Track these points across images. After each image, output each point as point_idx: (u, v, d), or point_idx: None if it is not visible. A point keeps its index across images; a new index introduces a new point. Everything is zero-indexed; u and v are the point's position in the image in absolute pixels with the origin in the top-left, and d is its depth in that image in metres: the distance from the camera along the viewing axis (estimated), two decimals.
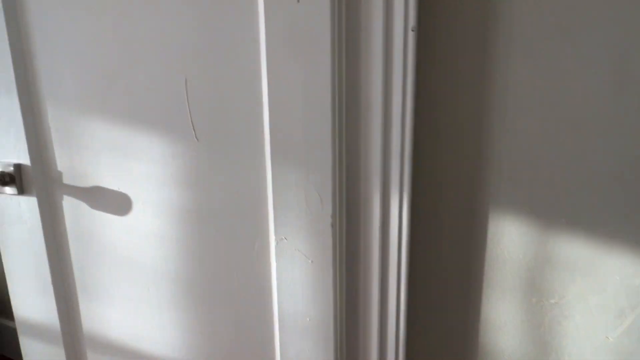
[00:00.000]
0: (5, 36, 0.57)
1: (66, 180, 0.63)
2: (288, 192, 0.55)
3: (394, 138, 0.54)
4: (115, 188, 0.61)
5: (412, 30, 0.50)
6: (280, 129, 0.53)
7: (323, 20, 0.49)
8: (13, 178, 0.62)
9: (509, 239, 0.59)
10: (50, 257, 0.66)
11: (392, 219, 0.56)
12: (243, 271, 0.61)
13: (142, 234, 0.62)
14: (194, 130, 0.56)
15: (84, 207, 0.63)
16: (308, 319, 0.59)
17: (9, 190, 0.62)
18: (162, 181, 0.59)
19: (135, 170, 0.60)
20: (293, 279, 0.58)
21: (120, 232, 0.63)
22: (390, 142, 0.54)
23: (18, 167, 0.62)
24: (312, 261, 0.57)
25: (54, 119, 0.61)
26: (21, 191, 0.63)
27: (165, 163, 0.58)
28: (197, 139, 0.57)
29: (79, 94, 0.59)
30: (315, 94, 0.51)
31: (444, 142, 0.59)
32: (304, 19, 0.49)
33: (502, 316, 0.62)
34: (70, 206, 0.64)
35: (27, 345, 0.72)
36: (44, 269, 0.66)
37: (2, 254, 0.68)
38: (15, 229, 0.66)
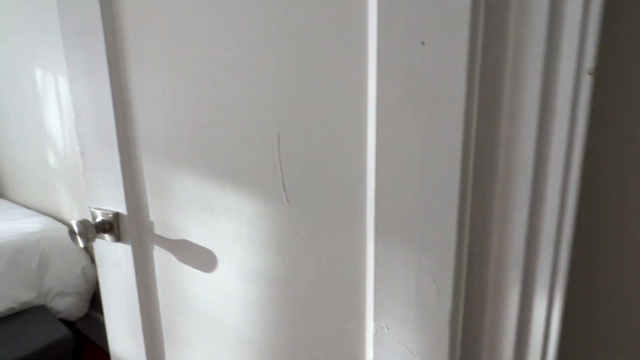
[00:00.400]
0: (109, 92, 0.57)
1: (157, 230, 0.62)
2: (394, 274, 0.45)
3: (546, 218, 0.39)
4: (201, 244, 0.58)
5: (589, 74, 0.36)
6: (388, 197, 0.43)
7: (456, 65, 0.37)
8: (112, 226, 0.63)
9: None
10: (141, 304, 0.66)
11: (535, 325, 0.42)
12: (333, 353, 0.52)
13: (226, 294, 0.58)
14: (285, 191, 0.49)
15: (172, 258, 0.62)
16: None
17: (108, 237, 0.64)
18: (248, 242, 0.54)
19: (221, 228, 0.55)
20: None
21: (204, 288, 0.60)
22: (541, 223, 0.40)
23: (116, 215, 0.63)
24: None
25: (148, 170, 0.60)
26: (118, 239, 0.64)
27: (253, 223, 0.53)
28: (288, 201, 0.50)
29: (170, 146, 0.56)
30: (438, 157, 0.40)
31: (621, 224, 0.42)
32: (430, 65, 0.38)
33: None
34: (160, 256, 0.63)
35: None
36: (136, 314, 0.67)
37: (101, 292, 0.71)
38: (112, 273, 0.67)
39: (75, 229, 0.58)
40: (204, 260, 0.59)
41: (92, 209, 0.66)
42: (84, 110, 0.62)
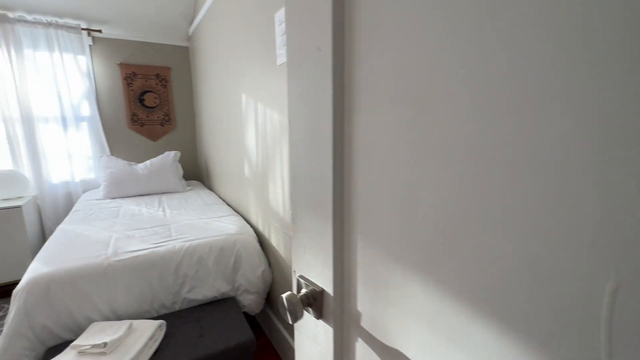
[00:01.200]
0: (331, 164, 0.50)
1: (364, 323, 0.53)
2: None
3: None
4: None
5: None
6: None
7: None
8: (315, 300, 0.58)
9: None
10: None
11: None
12: None
13: None
14: None
15: None
16: None
17: (311, 311, 0.59)
18: None
19: None
20: None
21: None
22: None
23: (321, 292, 0.57)
24: None
25: (363, 256, 0.51)
26: (319, 316, 0.58)
27: None
28: None
29: (395, 243, 0.45)
30: None
31: None
32: None
33: None
34: (363, 351, 0.54)
35: None
36: None
37: (296, 353, 0.69)
38: (308, 343, 0.64)
39: (285, 304, 0.56)
40: None
41: (297, 276, 0.63)
42: (301, 176, 0.59)
